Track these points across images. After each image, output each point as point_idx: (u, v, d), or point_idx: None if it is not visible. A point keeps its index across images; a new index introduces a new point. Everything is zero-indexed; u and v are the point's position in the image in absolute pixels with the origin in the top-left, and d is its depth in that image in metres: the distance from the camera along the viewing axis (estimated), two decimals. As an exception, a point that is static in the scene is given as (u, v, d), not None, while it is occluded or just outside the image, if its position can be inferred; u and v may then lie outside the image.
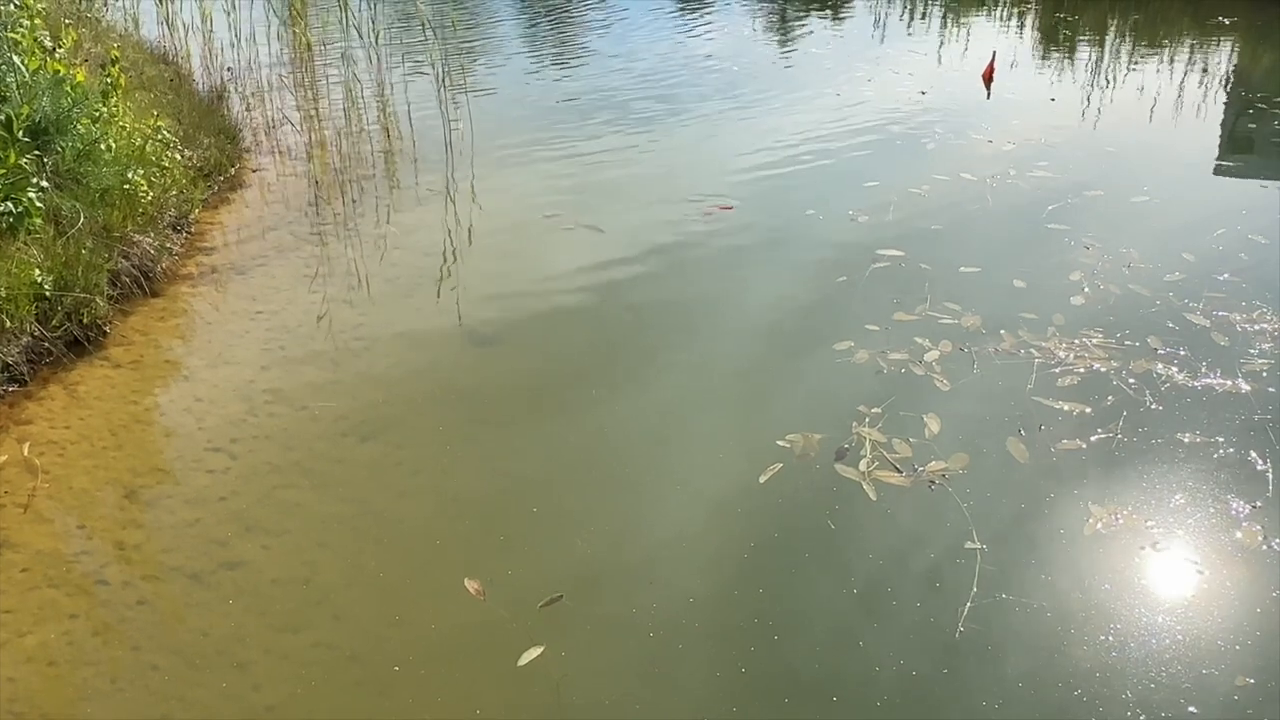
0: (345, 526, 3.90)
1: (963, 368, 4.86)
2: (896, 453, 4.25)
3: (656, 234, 6.39)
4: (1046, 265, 5.91)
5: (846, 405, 4.57)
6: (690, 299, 5.60)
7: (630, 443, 4.41)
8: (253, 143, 8.00)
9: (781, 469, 4.14)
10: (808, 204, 6.86)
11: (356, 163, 7.73)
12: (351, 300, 5.57)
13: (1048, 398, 4.61)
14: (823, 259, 6.05)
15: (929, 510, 3.94)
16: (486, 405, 4.68)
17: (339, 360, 4.98)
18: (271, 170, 7.52)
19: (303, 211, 6.77)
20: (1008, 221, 6.59)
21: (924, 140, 8.20)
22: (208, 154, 7.12)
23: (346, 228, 6.56)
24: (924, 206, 6.82)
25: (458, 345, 5.19)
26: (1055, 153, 7.83)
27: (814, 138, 8.25)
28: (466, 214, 6.79)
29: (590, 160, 7.78)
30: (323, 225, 6.57)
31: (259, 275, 5.85)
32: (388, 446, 4.36)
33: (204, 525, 3.88)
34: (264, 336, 5.19)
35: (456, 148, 7.94)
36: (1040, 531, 3.83)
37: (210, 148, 7.19)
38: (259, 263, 6.00)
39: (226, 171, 7.28)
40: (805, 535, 3.83)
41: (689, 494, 4.07)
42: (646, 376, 4.87)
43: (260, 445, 4.34)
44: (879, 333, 5.16)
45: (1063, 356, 4.93)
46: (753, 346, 5.13)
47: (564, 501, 4.04)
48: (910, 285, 5.65)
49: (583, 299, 5.63)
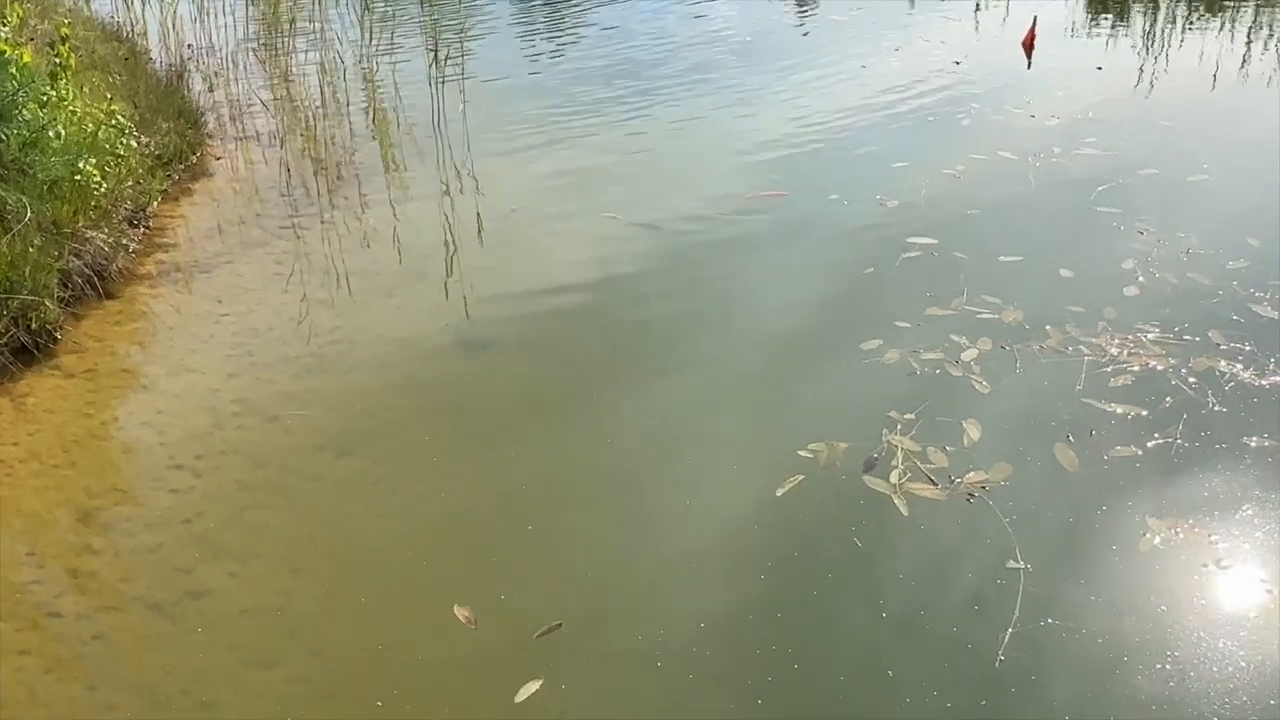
0: (322, 550, 3.91)
1: (1004, 367, 4.86)
2: (931, 463, 4.26)
3: (663, 224, 6.41)
4: (1096, 253, 5.90)
5: (875, 411, 4.57)
6: (702, 295, 5.61)
7: (636, 455, 4.42)
8: (217, 127, 8.04)
9: (803, 482, 4.15)
10: (830, 188, 6.86)
11: (335, 148, 7.76)
12: (328, 300, 5.60)
13: (1099, 400, 4.61)
14: (847, 249, 6.06)
15: (967, 526, 3.94)
16: (478, 415, 4.69)
17: (314, 367, 5.00)
18: (239, 157, 7.56)
19: (273, 203, 6.80)
20: (1052, 204, 6.58)
21: (959, 116, 8.20)
22: (167, 140, 7.15)
23: (322, 220, 6.58)
24: (959, 189, 6.82)
25: (446, 349, 5.20)
26: (1104, 127, 7.82)
27: (837, 115, 8.25)
28: (458, 204, 6.81)
29: (592, 144, 7.79)
30: (296, 218, 6.60)
31: (225, 274, 5.87)
32: (368, 462, 4.38)
33: (166, 550, 3.90)
34: (231, 341, 5.21)
35: (449, 131, 7.97)
36: (1091, 548, 3.83)
37: (170, 133, 7.22)
38: (225, 260, 6.03)
39: (188, 159, 7.32)
40: (830, 554, 3.83)
41: (701, 510, 4.08)
42: (654, 382, 4.88)
43: (227, 461, 4.36)
44: (910, 330, 5.16)
45: (1115, 354, 4.93)
46: (771, 347, 5.14)
47: (563, 520, 4.05)
48: (945, 277, 5.65)
49: (585, 297, 5.65)
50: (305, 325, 5.35)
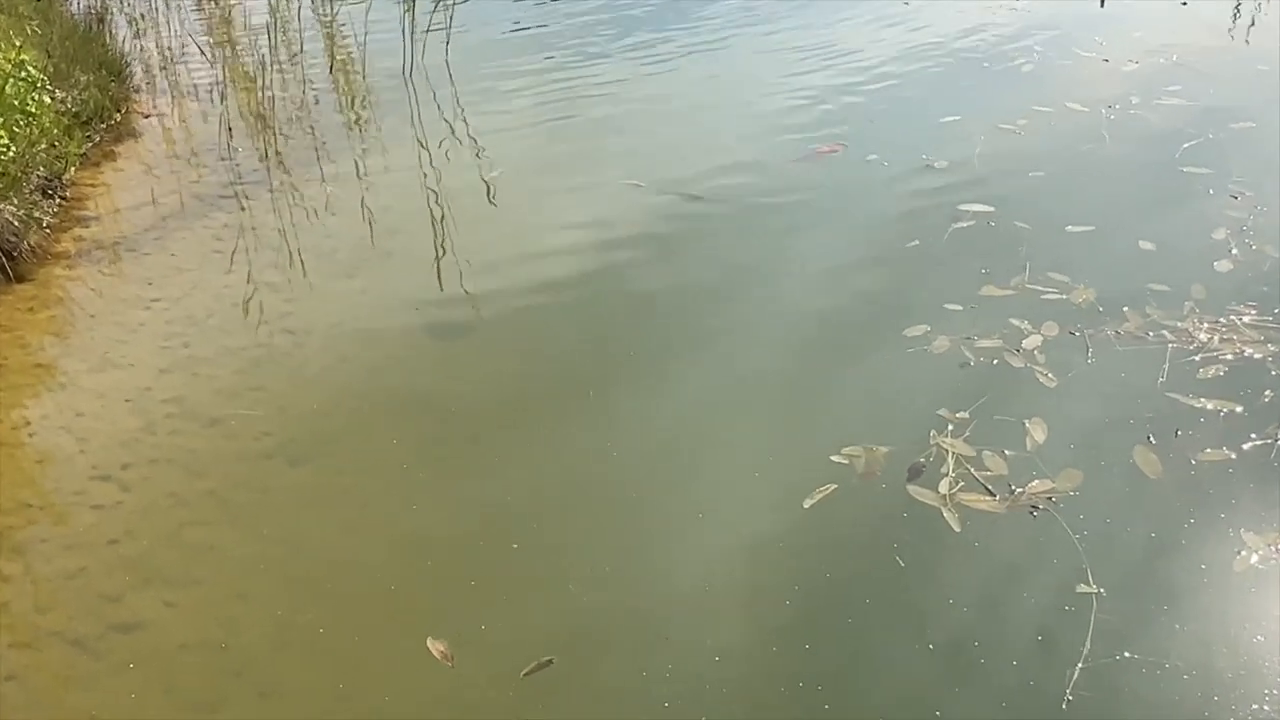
0: (273, 574, 3.93)
1: (1074, 357, 4.87)
2: (988, 469, 4.26)
3: (672, 191, 6.42)
4: (1181, 221, 5.91)
5: (922, 409, 4.58)
6: (718, 275, 5.62)
7: (640, 460, 4.43)
8: (145, 79, 8.06)
9: (835, 492, 4.15)
10: (869, 147, 6.87)
11: (286, 104, 7.77)
12: (277, 282, 5.61)
13: (1185, 394, 4.62)
14: (889, 219, 6.07)
15: (1030, 544, 3.95)
16: (453, 416, 4.70)
17: (261, 360, 5.02)
18: (171, 114, 7.57)
19: (213, 168, 6.82)
20: (1130, 165, 6.58)
21: (1019, 61, 8.20)
22: (86, 95, 7.17)
23: (271, 188, 6.60)
24: (1019, 147, 6.82)
25: (416, 338, 5.22)
26: (1191, 74, 7.81)
27: (875, 61, 8.25)
28: (431, 169, 6.82)
29: (589, 98, 7.82)
30: (239, 185, 6.61)
31: (155, 252, 5.89)
32: (326, 471, 4.40)
33: (90, 576, 3.91)
34: (163, 331, 5.23)
35: (423, 85, 7.97)
36: (1175, 569, 3.84)
37: (89, 87, 7.24)
38: (155, 235, 6.05)
39: (111, 117, 7.34)
40: (867, 576, 3.84)
41: (716, 525, 4.09)
42: (662, 375, 4.89)
43: (161, 472, 4.38)
44: (963, 313, 5.17)
45: (1204, 340, 4.93)
46: (799, 336, 5.15)
47: (554, 537, 4.06)
48: (1003, 250, 5.67)
49: (581, 276, 5.67)
50: (251, 311, 5.36)
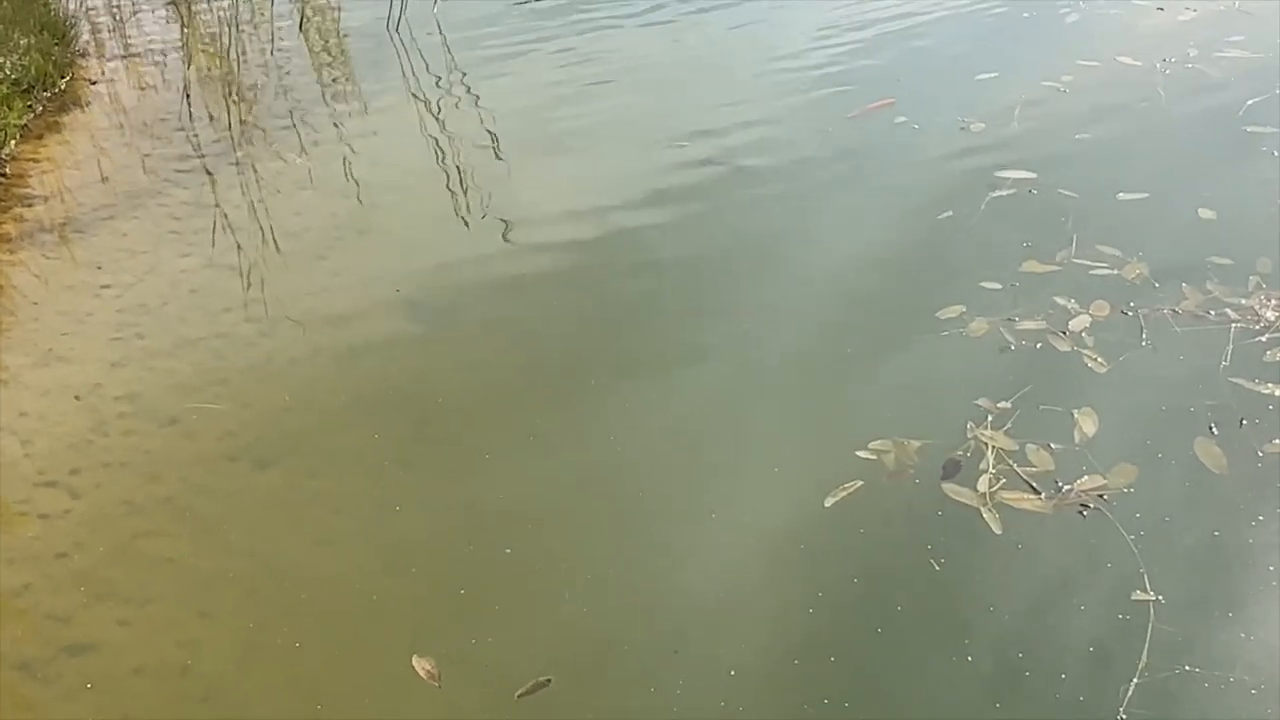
0: (238, 589, 3.93)
1: (1127, 339, 4.87)
2: (1032, 465, 4.26)
3: (681, 161, 6.43)
4: (1245, 187, 5.90)
5: (958, 399, 4.58)
6: (733, 250, 5.63)
7: (645, 456, 4.44)
8: (93, 42, 8.05)
9: (862, 490, 4.15)
10: (897, 108, 6.87)
11: (250, 67, 7.77)
12: (242, 265, 5.62)
13: (1251, 379, 4.61)
14: (920, 188, 6.07)
15: (1080, 546, 3.94)
16: (438, 409, 4.71)
17: (224, 352, 5.02)
18: (122, 80, 7.57)
19: (169, 139, 6.82)
20: (1187, 125, 6.58)
21: (1063, 10, 8.20)
22: (27, 60, 7.16)
23: (235, 161, 6.61)
24: (1064, 107, 6.82)
25: (398, 326, 5.23)
26: (1255, 22, 7.80)
27: (903, 13, 8.27)
28: (413, 135, 6.83)
29: (588, 60, 7.85)
30: (199, 158, 6.62)
31: (105, 233, 5.89)
32: (297, 474, 4.40)
33: (37, 593, 3.91)
34: (114, 320, 5.24)
35: (401, 40, 7.95)
36: (1240, 573, 3.83)
37: (30, 51, 7.24)
38: (105, 215, 6.05)
39: (54, 85, 7.33)
40: (898, 581, 3.84)
41: (729, 526, 4.09)
42: (669, 362, 4.90)
43: (113, 477, 4.38)
44: (1002, 292, 5.17)
45: (1272, 319, 4.93)
46: (820, 318, 5.15)
47: (550, 542, 4.06)
48: (1046, 222, 5.66)
49: (576, 253, 5.68)
50: (212, 298, 5.37)
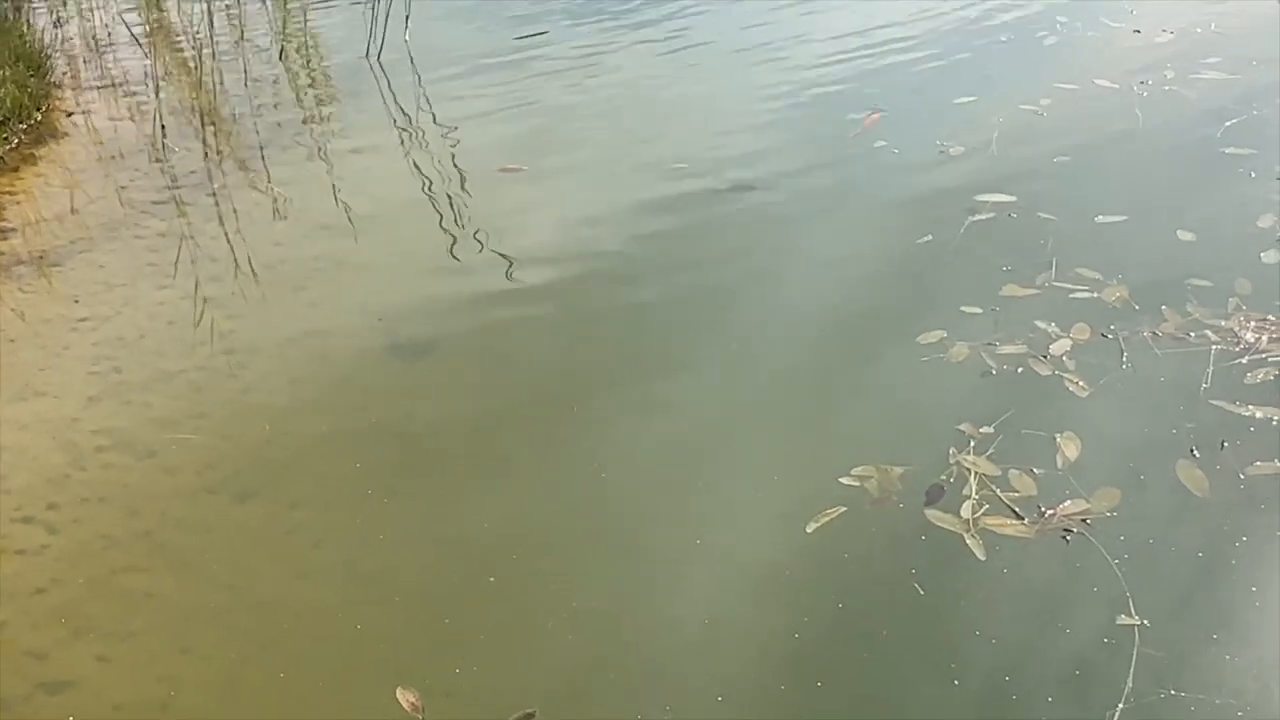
0: (218, 624, 3.91)
1: (1108, 362, 4.88)
2: (1015, 490, 4.27)
3: (661, 188, 6.45)
4: (1224, 208, 5.93)
5: (940, 424, 4.60)
6: (714, 277, 5.64)
7: (628, 484, 4.44)
8: (69, 73, 8.04)
9: (846, 516, 4.16)
10: (876, 132, 6.90)
11: (227, 96, 7.77)
12: (219, 296, 5.62)
13: (1232, 401, 4.63)
14: (899, 212, 6.09)
15: (1064, 571, 3.95)
16: (419, 440, 4.71)
17: (202, 385, 5.01)
18: (99, 111, 7.57)
19: (145, 171, 6.82)
20: (1166, 147, 6.62)
21: (1040, 33, 8.25)
22: (1, 92, 7.15)
23: (212, 192, 6.61)
24: (1043, 130, 6.86)
25: (376, 357, 5.22)
26: (1232, 43, 7.85)
27: (881, 38, 8.30)
28: (392, 164, 6.83)
29: (566, 83, 7.86)
30: (175, 190, 6.62)
31: (82, 266, 5.88)
32: (277, 506, 4.39)
33: (13, 629, 3.89)
34: (91, 354, 5.22)
35: (379, 71, 7.97)
36: (1225, 596, 3.84)
37: (5, 83, 7.23)
38: (81, 248, 6.04)
39: (30, 117, 7.32)
40: (883, 607, 3.84)
41: (713, 554, 4.09)
42: (651, 390, 4.91)
43: (92, 511, 4.36)
44: (983, 316, 5.19)
45: (1251, 340, 4.95)
46: (801, 345, 5.16)
47: (534, 570, 4.05)
48: (1026, 244, 5.69)
49: (558, 284, 5.68)
50: (189, 331, 5.36)
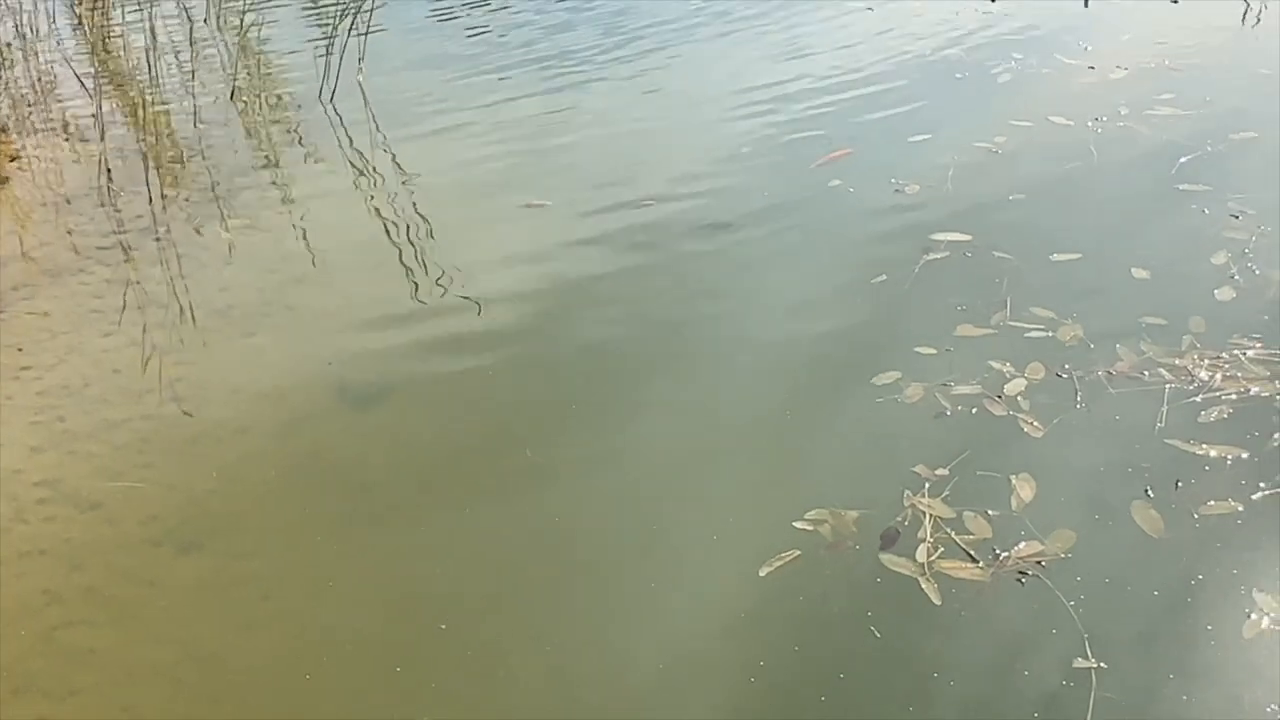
0: (164, 680, 3.88)
1: (1062, 402, 4.91)
2: (970, 533, 4.28)
3: (616, 226, 6.48)
4: (1178, 245, 5.98)
5: (895, 466, 4.60)
6: (667, 321, 5.66)
7: (582, 533, 4.43)
8: (12, 116, 8.00)
9: (799, 560, 4.17)
10: (830, 172, 6.93)
11: (176, 140, 7.76)
12: (166, 344, 5.60)
13: (1187, 440, 4.66)
14: (854, 251, 6.12)
15: (1020, 614, 3.96)
16: (371, 487, 4.69)
17: (148, 435, 4.99)
18: (40, 156, 7.54)
19: (90, 215, 6.80)
20: (1121, 184, 6.66)
21: (994, 70, 8.32)
22: (-57, 137, 7.15)
23: (158, 237, 6.59)
24: (997, 167, 6.91)
25: (327, 403, 5.21)
26: (1185, 80, 7.93)
27: (835, 75, 8.34)
28: (342, 206, 6.83)
29: (521, 123, 7.90)
30: (121, 235, 6.60)
31: (25, 313, 5.85)
32: (224, 557, 4.37)
33: (-47, 689, 3.86)
34: (33, 404, 5.19)
35: (336, 113, 7.98)
36: (1181, 636, 3.86)
37: (-54, 127, 7.22)
38: (23, 295, 6.01)
39: (-28, 161, 7.31)
40: (840, 651, 3.85)
41: (668, 600, 4.09)
42: (605, 435, 4.91)
43: (33, 565, 4.33)
44: (937, 357, 5.21)
45: (1205, 378, 4.99)
46: (756, 387, 5.17)
47: (487, 620, 4.04)
48: (980, 284, 5.72)
49: (513, 327, 5.68)
50: (135, 379, 5.34)
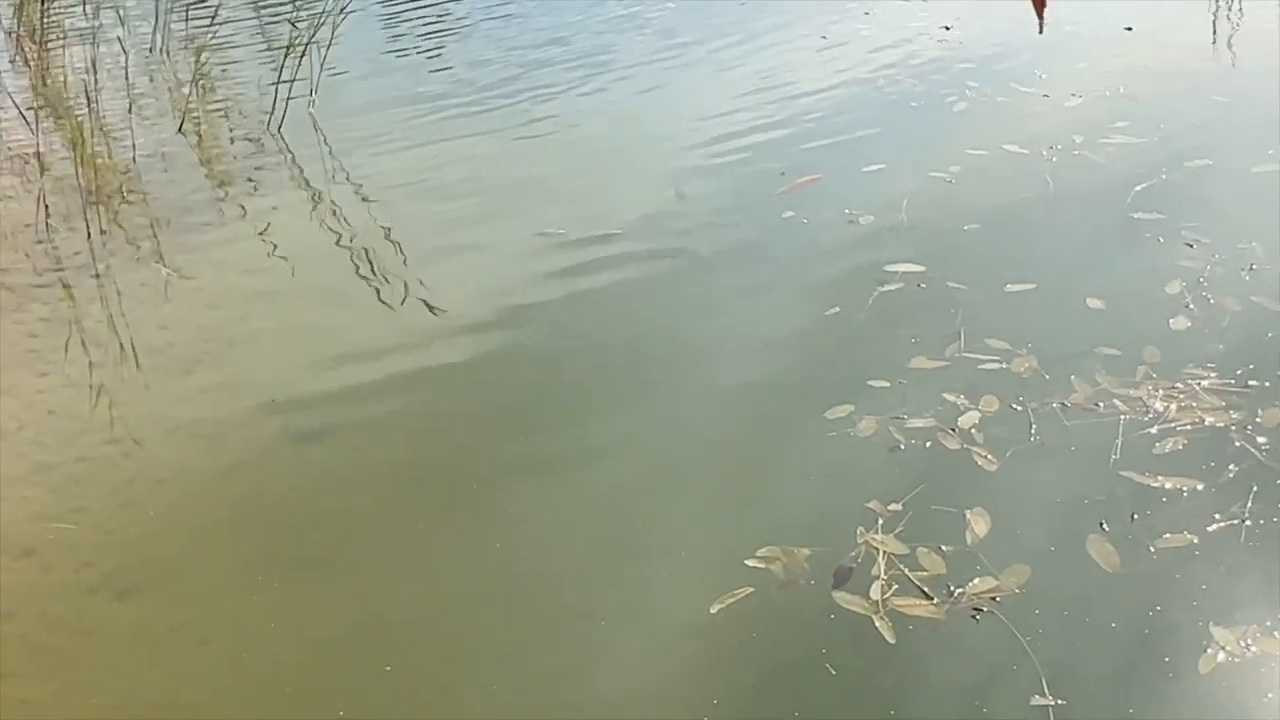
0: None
1: (1016, 434, 4.91)
2: (924, 569, 4.27)
3: (560, 261, 6.47)
4: (1133, 275, 6.00)
5: (848, 502, 4.59)
6: (616, 355, 5.66)
7: (529, 571, 4.41)
8: (-56, 152, 7.98)
9: (751, 598, 4.15)
10: (783, 203, 6.95)
11: (115, 173, 7.73)
12: (103, 383, 5.56)
13: (1142, 472, 4.66)
14: (806, 284, 6.13)
15: (976, 652, 3.95)
16: (312, 528, 4.66)
17: (82, 477, 4.95)
18: (-23, 191, 7.50)
19: (26, 252, 6.76)
20: (1075, 213, 6.70)
21: (949, 99, 8.36)
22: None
23: (97, 274, 6.55)
24: (952, 197, 6.94)
25: (268, 441, 5.18)
26: (1140, 108, 7.99)
27: (788, 104, 8.38)
28: (281, 243, 6.80)
29: (468, 155, 7.89)
30: (59, 272, 6.56)
31: (-42, 354, 5.81)
32: (161, 603, 4.33)
33: (-124, 745, 3.81)
34: (-34, 447, 5.14)
35: (286, 145, 7.97)
36: (1138, 671, 3.85)
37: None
38: (-42, 335, 5.96)
39: (-93, 198, 7.26)
40: (794, 691, 3.82)
41: (618, 638, 4.07)
42: (553, 470, 4.89)
43: (-38, 615, 4.28)
44: (891, 390, 5.21)
45: (1160, 409, 5.00)
46: (707, 423, 5.16)
47: (431, 660, 4.02)
48: (934, 315, 5.73)
49: (460, 362, 5.66)
50: (71, 420, 5.30)
